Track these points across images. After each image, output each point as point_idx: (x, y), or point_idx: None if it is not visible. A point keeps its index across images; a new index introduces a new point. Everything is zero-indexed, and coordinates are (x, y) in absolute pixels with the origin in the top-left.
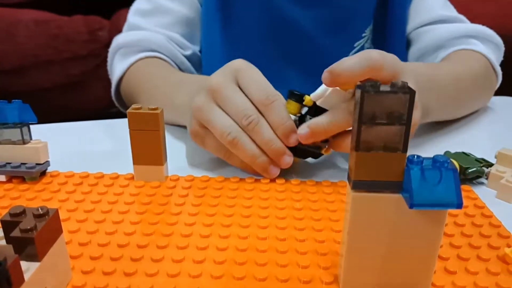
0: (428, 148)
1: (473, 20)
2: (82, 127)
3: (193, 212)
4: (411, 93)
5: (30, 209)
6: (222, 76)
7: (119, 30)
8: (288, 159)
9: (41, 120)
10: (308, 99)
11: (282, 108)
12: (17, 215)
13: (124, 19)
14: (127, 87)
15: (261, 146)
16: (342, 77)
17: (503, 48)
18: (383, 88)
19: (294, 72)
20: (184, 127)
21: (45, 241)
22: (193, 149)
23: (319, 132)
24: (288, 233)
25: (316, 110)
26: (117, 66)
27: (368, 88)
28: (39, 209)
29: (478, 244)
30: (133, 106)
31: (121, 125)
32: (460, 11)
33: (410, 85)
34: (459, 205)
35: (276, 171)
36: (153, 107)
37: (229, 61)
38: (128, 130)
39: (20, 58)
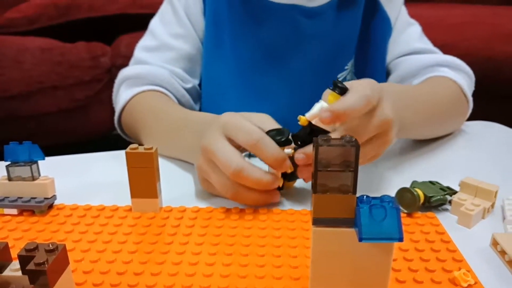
0: (399, 176)
1: (462, 42)
2: (85, 160)
3: (183, 241)
4: (357, 145)
5: (42, 245)
6: (212, 135)
7: (120, 56)
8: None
9: (47, 143)
10: (303, 119)
11: (267, 144)
12: (31, 250)
13: (124, 45)
14: (128, 116)
15: (252, 187)
16: (344, 116)
17: (473, 78)
18: (334, 142)
19: (285, 97)
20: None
21: (55, 272)
22: (185, 180)
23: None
24: (267, 260)
25: (311, 130)
26: (121, 96)
27: (321, 142)
28: (50, 245)
29: (433, 268)
30: (131, 146)
31: (120, 157)
32: (452, 34)
33: (389, 104)
34: (400, 239)
35: (277, 197)
36: (148, 147)
37: (231, 90)
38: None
39: (26, 84)
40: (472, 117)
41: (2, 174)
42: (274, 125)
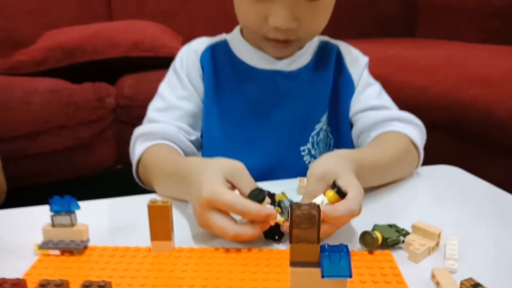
0: (363, 220)
1: (435, 85)
2: (110, 204)
3: (193, 276)
4: (319, 210)
5: (95, 282)
6: (201, 209)
7: (123, 96)
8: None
9: (52, 179)
10: None
11: (250, 208)
12: (88, 286)
13: (128, 86)
14: (142, 166)
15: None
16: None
17: (424, 129)
18: (303, 208)
19: (271, 147)
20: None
21: None
22: (192, 226)
23: None
24: None
25: None
26: (136, 150)
27: (295, 208)
28: (101, 282)
29: None
30: (151, 200)
31: (141, 202)
32: (426, 76)
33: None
34: (350, 276)
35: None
36: (165, 201)
37: (224, 142)
38: (145, 207)
39: (34, 124)
40: (440, 157)
41: (46, 220)
42: (246, 176)
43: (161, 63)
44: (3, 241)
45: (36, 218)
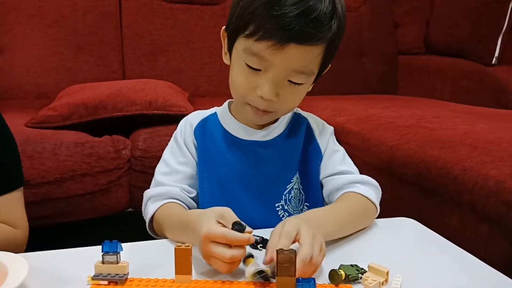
0: (332, 261)
1: (404, 144)
2: (144, 246)
3: None
4: (295, 253)
5: None
6: (202, 248)
7: (138, 149)
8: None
9: (73, 219)
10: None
11: (241, 237)
12: None
13: (142, 140)
14: (156, 223)
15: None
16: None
17: (379, 189)
18: (285, 251)
19: (251, 205)
20: None
21: None
22: (205, 264)
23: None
24: None
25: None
26: (149, 209)
27: (279, 251)
28: None
29: None
30: (177, 244)
31: (167, 245)
32: (398, 136)
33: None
34: None
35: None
36: (187, 245)
37: (214, 199)
38: (170, 248)
39: (61, 172)
40: (406, 208)
41: (95, 258)
42: (229, 215)
43: (171, 119)
44: (64, 273)
45: (86, 256)
